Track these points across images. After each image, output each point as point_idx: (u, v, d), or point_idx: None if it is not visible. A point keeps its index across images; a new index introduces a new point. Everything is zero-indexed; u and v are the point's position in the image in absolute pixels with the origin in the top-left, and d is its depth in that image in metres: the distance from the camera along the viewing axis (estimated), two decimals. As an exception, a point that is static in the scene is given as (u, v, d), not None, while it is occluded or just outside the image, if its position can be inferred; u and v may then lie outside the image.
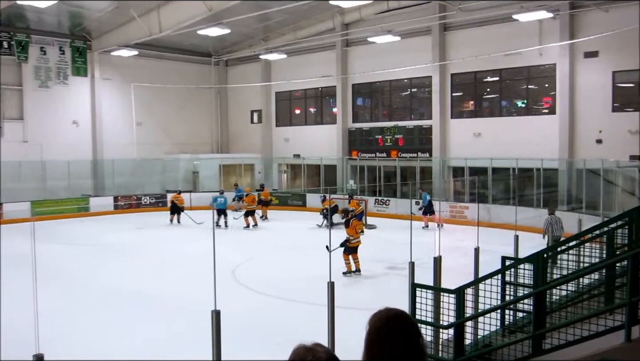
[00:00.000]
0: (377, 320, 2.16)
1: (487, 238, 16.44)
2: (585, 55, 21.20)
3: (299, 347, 1.99)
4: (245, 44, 31.65)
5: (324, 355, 1.95)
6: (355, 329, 8.45)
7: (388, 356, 2.09)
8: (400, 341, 2.10)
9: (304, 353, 1.95)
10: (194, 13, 21.75)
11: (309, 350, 1.96)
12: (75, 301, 11.96)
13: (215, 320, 6.38)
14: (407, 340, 2.12)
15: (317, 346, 1.98)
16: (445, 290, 7.12)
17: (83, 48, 28.64)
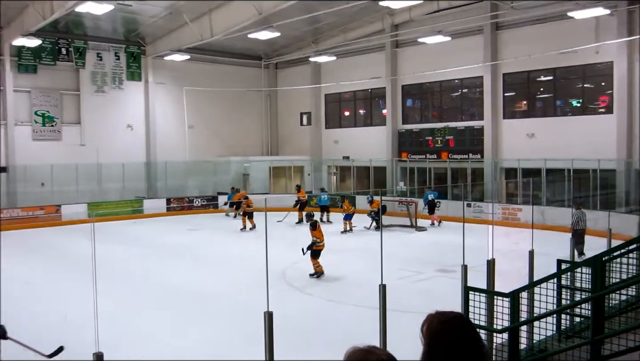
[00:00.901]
0: (439, 322, 2.11)
1: (542, 241, 16.10)
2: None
3: (355, 350, 1.94)
4: (295, 46, 31.84)
5: (385, 357, 1.91)
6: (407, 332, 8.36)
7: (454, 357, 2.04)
8: (464, 344, 2.06)
9: (364, 355, 1.91)
10: (245, 17, 21.96)
11: (369, 352, 1.91)
12: (133, 301, 12.22)
13: (267, 321, 6.41)
14: (471, 344, 2.07)
15: (374, 348, 1.94)
16: (499, 293, 6.97)
17: (137, 53, 29.33)
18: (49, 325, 10.19)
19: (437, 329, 2.09)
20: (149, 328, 10.32)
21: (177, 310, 11.55)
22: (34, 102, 26.33)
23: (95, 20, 25.22)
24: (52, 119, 26.82)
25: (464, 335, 2.08)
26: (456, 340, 2.06)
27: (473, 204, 23.75)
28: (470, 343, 2.08)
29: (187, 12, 24.33)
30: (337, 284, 13.58)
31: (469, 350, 2.06)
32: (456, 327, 2.09)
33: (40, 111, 26.50)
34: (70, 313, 9.79)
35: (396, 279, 12.91)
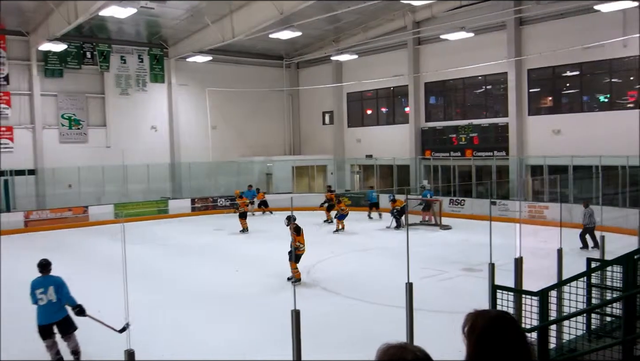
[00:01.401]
0: (485, 321, 2.08)
1: (570, 239, 15.95)
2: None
3: (389, 346, 1.92)
4: (316, 45, 31.85)
5: (420, 354, 1.88)
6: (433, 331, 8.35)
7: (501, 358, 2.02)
8: (512, 343, 2.03)
9: (400, 352, 1.88)
10: (266, 17, 22.03)
11: (404, 349, 1.89)
12: (161, 301, 12.33)
13: (295, 320, 6.42)
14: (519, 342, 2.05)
15: (407, 345, 1.92)
16: (527, 292, 6.89)
17: (160, 56, 29.59)
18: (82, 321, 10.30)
19: (483, 329, 2.06)
20: (178, 327, 10.40)
21: (205, 308, 11.63)
22: (60, 105, 26.71)
23: (118, 23, 25.48)
24: (78, 122, 27.17)
25: (511, 333, 2.05)
26: (504, 339, 2.03)
27: (498, 202, 23.52)
28: (518, 341, 2.05)
29: (208, 14, 24.47)
30: (363, 282, 13.55)
31: (518, 349, 2.03)
32: (503, 326, 2.06)
33: (67, 114, 26.87)
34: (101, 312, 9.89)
35: (421, 278, 12.83)
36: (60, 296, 8.55)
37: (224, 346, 9.33)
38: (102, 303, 9.66)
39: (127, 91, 28.71)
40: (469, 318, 2.12)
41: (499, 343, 2.03)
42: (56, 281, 8.63)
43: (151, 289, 13.00)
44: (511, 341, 2.03)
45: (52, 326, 8.64)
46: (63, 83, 26.75)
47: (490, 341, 2.04)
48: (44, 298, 8.48)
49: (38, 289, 8.51)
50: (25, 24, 24.94)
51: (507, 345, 2.02)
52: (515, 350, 2.03)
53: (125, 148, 27.93)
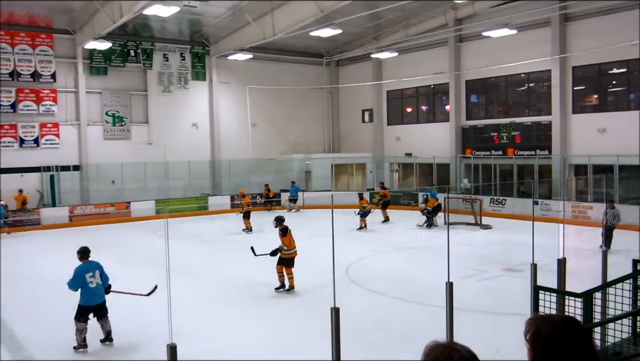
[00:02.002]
0: (551, 327, 2.04)
1: (615, 240, 15.61)
2: None
3: (437, 344, 1.91)
4: (357, 43, 31.79)
5: (467, 354, 1.87)
6: (473, 331, 8.27)
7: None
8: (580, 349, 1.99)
9: (448, 351, 1.87)
10: (306, 15, 22.09)
11: (451, 349, 1.87)
12: (202, 296, 12.49)
13: (334, 318, 6.42)
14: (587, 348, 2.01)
15: (454, 344, 1.90)
16: (571, 294, 6.76)
17: (202, 53, 29.95)
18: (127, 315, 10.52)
19: (549, 335, 2.02)
20: (219, 323, 10.52)
21: (244, 305, 11.73)
22: (104, 102, 27.28)
23: (161, 22, 25.91)
24: (122, 118, 27.71)
25: (579, 339, 2.01)
26: (571, 345, 1.99)
27: (540, 202, 23.12)
28: (586, 347, 2.01)
29: (249, 12, 24.65)
30: (401, 281, 13.49)
31: (585, 355, 1.99)
32: (570, 331, 2.02)
33: (111, 111, 27.43)
34: (143, 306, 10.09)
35: (461, 278, 12.73)
36: (104, 280, 9.36)
37: (263, 344, 9.38)
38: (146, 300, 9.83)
39: (169, 89, 29.15)
40: (532, 324, 2.08)
41: (565, 348, 1.99)
42: (99, 266, 9.41)
43: (190, 285, 13.16)
44: (579, 347, 1.99)
45: (92, 308, 9.19)
46: (107, 81, 27.32)
47: (557, 347, 1.99)
48: (93, 281, 9.17)
49: (88, 273, 9.16)
50: (72, 23, 25.54)
51: (574, 351, 1.98)
52: (582, 356, 1.99)
53: (166, 145, 28.38)
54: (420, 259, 16.00)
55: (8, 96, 24.56)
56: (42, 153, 25.35)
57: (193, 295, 12.35)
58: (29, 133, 25.19)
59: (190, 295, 12.24)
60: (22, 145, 25.00)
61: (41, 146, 25.42)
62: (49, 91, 25.52)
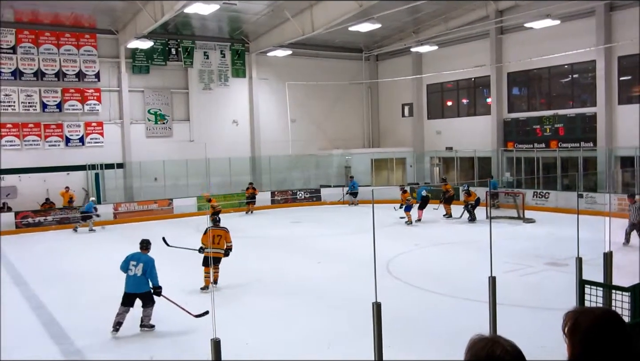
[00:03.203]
0: (590, 320, 1.99)
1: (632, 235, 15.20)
2: None
3: (480, 338, 1.88)
4: (396, 37, 31.59)
5: (510, 348, 1.84)
6: (517, 326, 8.15)
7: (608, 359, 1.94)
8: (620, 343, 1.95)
9: (491, 346, 1.84)
10: (345, 10, 22.05)
11: (495, 342, 1.85)
12: (243, 290, 12.61)
13: (376, 312, 6.41)
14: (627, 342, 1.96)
15: (498, 338, 1.87)
16: (618, 288, 6.61)
17: (242, 50, 30.18)
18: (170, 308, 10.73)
19: (588, 328, 1.98)
20: (261, 318, 10.59)
21: (287, 300, 11.79)
22: (147, 101, 27.74)
23: (202, 20, 26.20)
24: (164, 116, 28.14)
25: (618, 332, 1.96)
26: (611, 338, 1.94)
27: (585, 195, 22.64)
28: (626, 341, 1.96)
29: (288, 8, 24.74)
30: (445, 276, 13.39)
31: (625, 349, 1.95)
32: (609, 325, 1.97)
33: (153, 109, 27.88)
34: (186, 300, 10.27)
35: (503, 273, 12.59)
36: (147, 275, 9.78)
37: (305, 339, 9.41)
38: (184, 290, 10.00)
39: (210, 86, 29.47)
40: (570, 317, 2.03)
41: (605, 342, 1.94)
42: (148, 261, 9.88)
43: (233, 278, 13.28)
44: (618, 340, 1.95)
45: (134, 296, 9.76)
46: (149, 79, 27.77)
47: (596, 341, 1.95)
48: (133, 270, 9.78)
49: (132, 261, 9.86)
50: (115, 22, 26.03)
51: (614, 344, 1.94)
52: (623, 350, 1.94)
53: (207, 142, 28.71)
54: (462, 254, 15.84)
55: (55, 96, 25.19)
56: (87, 152, 25.94)
57: (234, 288, 12.48)
58: (74, 132, 25.81)
59: (231, 289, 12.38)
60: (68, 144, 25.62)
61: (86, 144, 26.02)
62: (93, 91, 26.08)
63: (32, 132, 24.84)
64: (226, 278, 12.81)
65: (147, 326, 9.87)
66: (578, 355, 1.98)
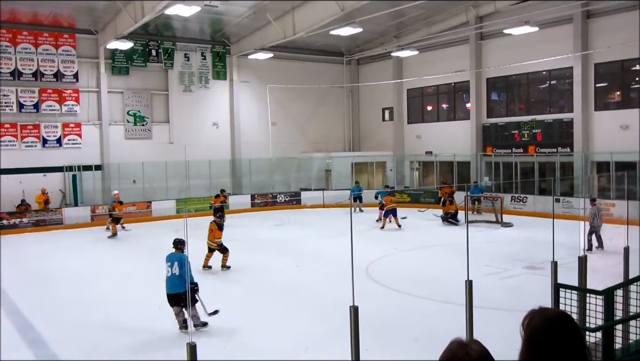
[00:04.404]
0: (541, 319, 2.04)
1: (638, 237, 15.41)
2: None
3: (453, 341, 1.93)
4: (377, 41, 31.73)
5: (474, 353, 1.87)
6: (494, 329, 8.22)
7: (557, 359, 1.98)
8: (565, 345, 1.99)
9: (457, 349, 1.89)
10: (327, 14, 22.10)
11: (463, 346, 1.89)
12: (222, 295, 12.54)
13: (353, 316, 6.43)
14: (573, 345, 2.00)
15: (472, 343, 1.91)
16: (592, 291, 6.71)
17: (223, 53, 30.10)
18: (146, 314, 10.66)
19: (538, 326, 2.03)
20: (238, 321, 10.55)
21: (265, 303, 11.78)
22: (126, 102, 27.53)
23: (183, 21, 26.08)
24: (143, 118, 27.96)
25: (565, 335, 2.00)
26: (557, 339, 1.99)
27: (562, 199, 22.93)
28: (572, 344, 2.00)
29: (270, 11, 24.73)
30: (422, 280, 13.45)
31: (570, 352, 1.98)
32: (558, 326, 2.02)
33: (132, 110, 27.68)
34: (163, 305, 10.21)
35: (482, 276, 12.70)
36: (181, 272, 9.61)
37: (282, 342, 9.40)
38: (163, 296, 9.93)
39: (190, 88, 29.34)
40: (529, 314, 2.09)
41: (549, 343, 1.99)
42: (180, 258, 9.77)
43: (211, 282, 13.24)
44: (564, 343, 1.99)
45: (176, 296, 9.61)
46: (129, 80, 27.57)
47: (541, 340, 2.00)
48: (170, 270, 9.78)
49: (167, 262, 9.89)
50: (95, 22, 25.81)
51: (558, 346, 1.98)
52: (568, 353, 1.98)
53: (187, 144, 28.55)
54: (441, 258, 15.93)
55: (32, 96, 24.91)
56: (64, 153, 25.65)
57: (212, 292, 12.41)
58: (52, 133, 25.52)
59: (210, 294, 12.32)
60: (45, 145, 25.31)
61: (64, 145, 25.73)
62: (71, 91, 25.82)
63: (8, 133, 24.50)
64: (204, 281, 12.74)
65: (199, 325, 9.72)
66: (524, 352, 2.04)
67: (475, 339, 1.96)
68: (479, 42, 27.87)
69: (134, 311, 11.24)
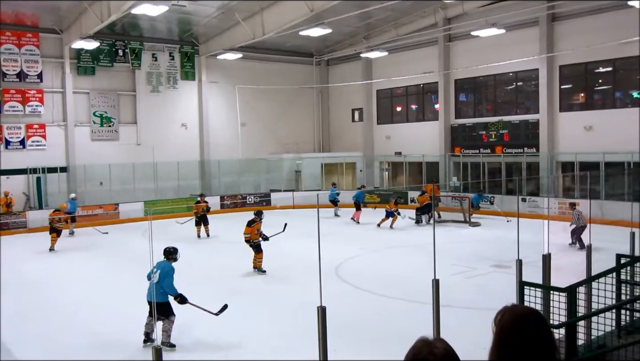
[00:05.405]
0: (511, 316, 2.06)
1: (601, 236, 15.67)
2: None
3: (419, 340, 1.95)
4: (347, 42, 31.81)
5: (439, 351, 1.89)
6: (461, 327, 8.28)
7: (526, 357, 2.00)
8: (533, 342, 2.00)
9: (421, 347, 1.91)
10: (296, 14, 22.08)
11: (427, 344, 1.91)
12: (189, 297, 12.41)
13: (321, 316, 6.42)
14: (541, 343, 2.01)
15: (437, 341, 1.93)
16: (555, 288, 6.80)
17: (191, 53, 29.86)
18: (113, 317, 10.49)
19: (507, 322, 2.05)
20: (205, 323, 10.45)
21: (233, 304, 11.67)
22: (92, 103, 27.10)
23: (150, 21, 25.80)
24: (110, 119, 27.56)
25: (534, 332, 2.02)
26: (526, 336, 2.01)
27: (528, 198, 23.28)
28: (541, 342, 2.02)
29: (239, 11, 24.62)
30: (392, 279, 13.51)
31: (538, 349, 2.00)
32: (527, 323, 2.04)
33: (99, 111, 27.26)
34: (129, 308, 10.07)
35: (450, 275, 12.80)
36: (161, 283, 9.20)
37: (248, 344, 9.34)
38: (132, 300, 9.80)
39: (158, 89, 29.02)
40: (500, 311, 2.12)
41: (519, 339, 2.01)
42: (164, 268, 9.38)
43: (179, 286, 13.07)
44: (533, 340, 2.01)
45: (150, 304, 9.09)
46: (95, 81, 27.14)
47: (511, 336, 2.02)
48: (152, 277, 9.28)
49: (153, 269, 9.36)
50: (59, 22, 25.36)
51: (527, 342, 2.00)
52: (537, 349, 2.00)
53: (155, 146, 28.23)
54: (411, 257, 15.99)
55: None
56: (28, 155, 25.11)
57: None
58: (15, 134, 24.99)
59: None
60: (8, 146, 24.77)
61: (27, 147, 25.20)
62: (35, 92, 25.33)
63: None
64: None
65: (166, 344, 8.94)
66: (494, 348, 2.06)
67: (441, 337, 1.98)
68: (447, 44, 28.14)
69: (100, 314, 11.07)
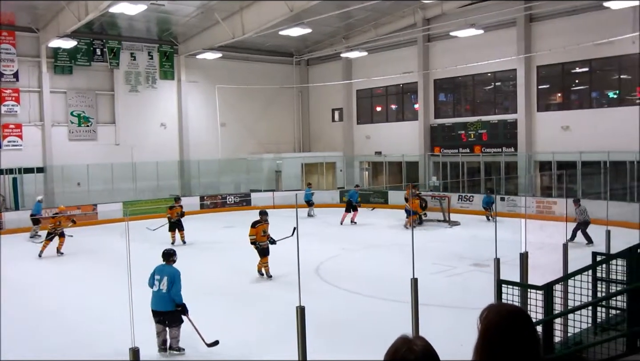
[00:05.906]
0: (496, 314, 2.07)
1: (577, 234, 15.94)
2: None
3: (399, 338, 1.95)
4: (327, 42, 31.86)
5: (418, 348, 1.90)
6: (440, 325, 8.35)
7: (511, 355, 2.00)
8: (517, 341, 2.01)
9: (401, 345, 1.92)
10: (276, 14, 22.06)
11: (407, 342, 1.92)
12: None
13: (300, 316, 6.42)
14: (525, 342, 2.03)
15: (416, 339, 1.94)
16: (532, 286, 6.88)
17: (170, 52, 29.67)
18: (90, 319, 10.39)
19: (492, 321, 2.05)
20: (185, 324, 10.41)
21: (212, 305, 11.64)
22: (70, 102, 26.82)
23: (128, 20, 25.60)
24: (88, 119, 27.29)
25: (519, 331, 2.03)
26: (511, 333, 2.01)
27: (507, 198, 23.51)
28: (525, 340, 2.03)
29: (218, 11, 24.53)
30: (370, 279, 13.55)
31: (522, 348, 2.01)
32: (512, 322, 2.04)
33: (76, 111, 26.98)
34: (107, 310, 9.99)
35: (430, 274, 12.89)
36: (171, 291, 8.75)
37: (227, 343, 9.30)
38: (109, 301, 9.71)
39: (137, 88, 28.80)
40: (485, 309, 2.12)
41: (503, 337, 2.01)
42: (171, 274, 8.85)
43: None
44: (517, 338, 2.02)
45: (157, 313, 8.80)
46: (72, 80, 26.85)
47: (495, 335, 2.02)
48: (157, 285, 8.79)
49: (157, 275, 8.86)
50: (36, 20, 25.06)
51: (512, 340, 2.01)
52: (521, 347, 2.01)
53: (134, 146, 28.04)
54: (391, 257, 16.06)
55: (-31, 96, 24.04)
56: (4, 155, 24.73)
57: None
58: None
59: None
60: (-16, 146, 24.47)
61: (3, 147, 24.84)
62: (11, 91, 24.99)
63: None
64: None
65: (175, 349, 8.89)
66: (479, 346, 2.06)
67: (420, 335, 1.99)
68: (427, 44, 28.29)
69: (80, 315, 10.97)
